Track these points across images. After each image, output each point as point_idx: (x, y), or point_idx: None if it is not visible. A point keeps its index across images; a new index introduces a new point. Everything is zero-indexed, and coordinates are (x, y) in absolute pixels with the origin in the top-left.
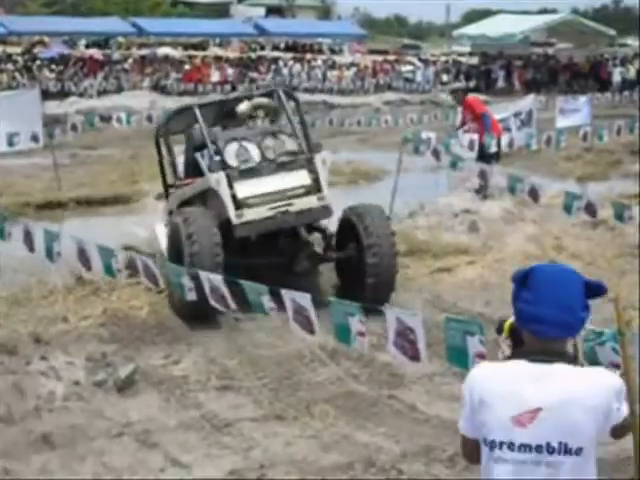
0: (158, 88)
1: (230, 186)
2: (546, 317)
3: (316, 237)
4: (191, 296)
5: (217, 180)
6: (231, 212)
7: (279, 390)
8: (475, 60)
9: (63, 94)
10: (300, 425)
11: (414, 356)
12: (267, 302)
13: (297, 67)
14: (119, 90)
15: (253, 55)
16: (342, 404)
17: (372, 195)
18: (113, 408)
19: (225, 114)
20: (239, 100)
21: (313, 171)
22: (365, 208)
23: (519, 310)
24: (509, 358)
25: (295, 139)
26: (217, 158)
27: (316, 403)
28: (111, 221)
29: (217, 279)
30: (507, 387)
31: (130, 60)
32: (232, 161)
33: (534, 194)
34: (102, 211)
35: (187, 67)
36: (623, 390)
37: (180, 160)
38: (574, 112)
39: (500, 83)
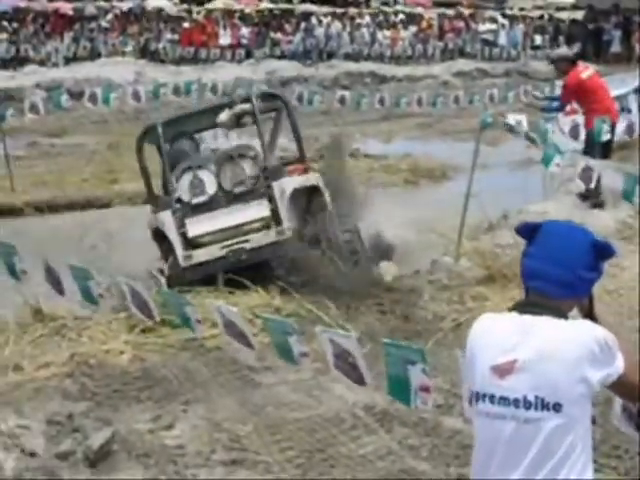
0: (147, 54)
1: (182, 224)
2: (543, 273)
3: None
4: (200, 330)
5: (162, 221)
6: (179, 253)
7: (309, 467)
8: (580, 16)
9: (18, 61)
10: None
11: None
12: (296, 345)
13: (336, 26)
14: (94, 56)
15: (276, 9)
16: None
17: (436, 200)
18: None
19: (208, 124)
20: (218, 109)
21: (274, 200)
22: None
23: (522, 264)
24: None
25: (258, 163)
26: (171, 188)
27: None
28: (81, 233)
29: (232, 312)
30: (492, 338)
31: (109, 16)
32: (185, 195)
33: None
34: (70, 220)
35: (186, 25)
36: (610, 343)
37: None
38: None
39: (615, 47)
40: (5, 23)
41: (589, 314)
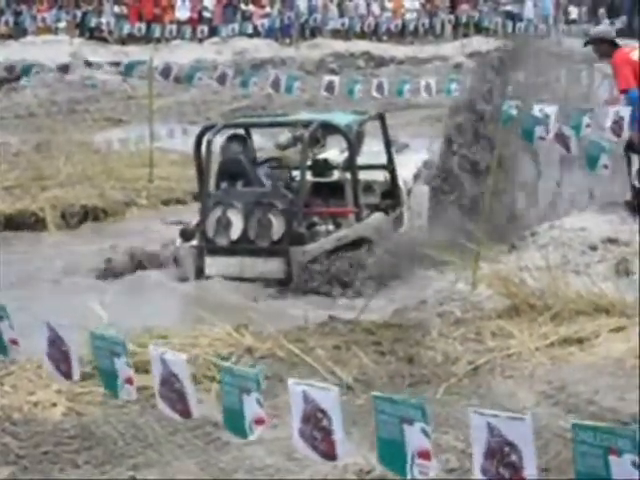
0: (85, 31)
1: (200, 258)
2: None
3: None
4: (127, 394)
5: (183, 254)
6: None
7: None
8: None
9: None
10: None
11: None
12: (251, 407)
13: None
14: (19, 34)
15: None
16: None
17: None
18: None
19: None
20: (280, 125)
21: (289, 264)
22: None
23: None
24: None
25: (285, 217)
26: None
27: None
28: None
29: (178, 361)
30: None
31: None
32: (210, 230)
33: None
34: None
35: None
36: None
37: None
38: None
39: None
40: None
41: None
